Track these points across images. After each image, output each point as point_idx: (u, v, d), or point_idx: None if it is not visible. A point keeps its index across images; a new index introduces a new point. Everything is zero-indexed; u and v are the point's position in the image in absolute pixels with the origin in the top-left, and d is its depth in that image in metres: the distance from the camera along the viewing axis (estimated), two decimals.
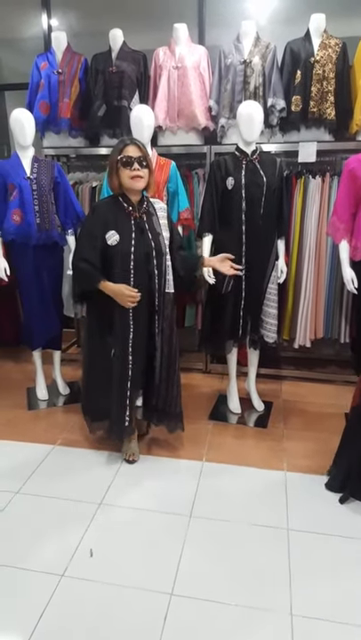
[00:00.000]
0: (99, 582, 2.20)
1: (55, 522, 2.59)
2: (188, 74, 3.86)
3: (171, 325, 2.94)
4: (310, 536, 2.47)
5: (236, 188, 3.21)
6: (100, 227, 2.73)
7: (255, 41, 3.80)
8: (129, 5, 4.58)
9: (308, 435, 3.37)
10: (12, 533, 2.51)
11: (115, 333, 2.84)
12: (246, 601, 2.10)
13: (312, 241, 3.77)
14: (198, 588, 2.16)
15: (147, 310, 2.83)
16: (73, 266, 2.88)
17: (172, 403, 3.05)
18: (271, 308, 3.44)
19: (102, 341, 2.91)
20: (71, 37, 4.21)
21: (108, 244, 2.72)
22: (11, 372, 4.54)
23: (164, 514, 2.64)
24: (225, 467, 3.06)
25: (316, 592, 2.14)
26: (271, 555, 2.35)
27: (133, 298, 2.72)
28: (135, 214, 2.77)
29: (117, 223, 2.73)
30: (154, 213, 2.86)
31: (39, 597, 2.12)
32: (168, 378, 3.00)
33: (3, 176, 3.44)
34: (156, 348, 2.90)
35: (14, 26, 5.06)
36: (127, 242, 2.72)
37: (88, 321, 3.11)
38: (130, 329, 2.82)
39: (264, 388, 3.97)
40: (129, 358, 2.86)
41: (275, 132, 3.93)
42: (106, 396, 2.94)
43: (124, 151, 2.69)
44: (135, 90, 4.02)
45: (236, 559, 2.33)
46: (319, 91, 3.65)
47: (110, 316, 2.82)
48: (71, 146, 4.28)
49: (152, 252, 2.77)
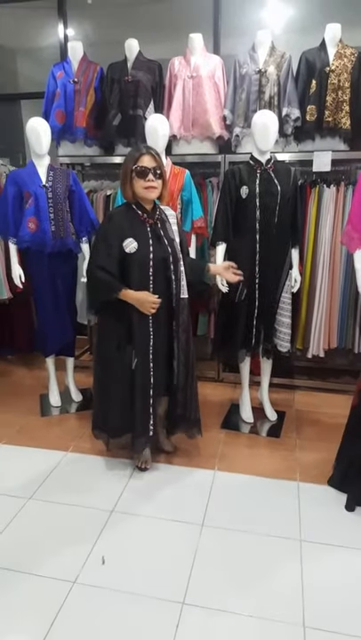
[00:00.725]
0: (110, 590, 2.19)
1: (67, 528, 2.59)
2: (202, 83, 3.88)
3: (186, 331, 2.92)
4: (323, 547, 2.45)
5: (250, 196, 3.22)
6: (117, 235, 2.71)
7: (270, 50, 3.81)
8: (145, 15, 4.63)
9: (321, 445, 3.34)
10: (24, 539, 2.51)
11: (135, 342, 2.79)
12: (259, 611, 2.08)
13: (326, 250, 3.75)
14: (210, 597, 2.15)
15: (165, 316, 2.81)
16: (90, 275, 2.83)
17: (191, 409, 3.03)
18: (285, 318, 3.43)
19: (120, 352, 2.84)
20: (87, 47, 4.25)
21: (126, 252, 2.69)
22: (24, 379, 4.56)
23: (175, 522, 2.63)
24: (237, 476, 3.04)
25: (329, 604, 2.12)
26: (284, 565, 2.33)
27: (156, 304, 2.70)
28: (150, 221, 2.76)
29: (134, 231, 2.71)
30: (166, 220, 2.86)
31: (51, 604, 2.12)
32: (186, 384, 2.97)
33: (19, 184, 3.48)
34: (174, 355, 2.88)
35: (31, 36, 5.13)
36: (145, 249, 2.70)
37: (103, 332, 2.98)
38: (150, 336, 2.80)
39: (277, 397, 3.95)
40: (150, 366, 2.83)
41: (289, 141, 3.93)
42: (126, 409, 2.88)
43: (140, 161, 2.67)
44: (150, 99, 4.05)
45: (248, 569, 2.32)
46: (334, 100, 3.65)
47: (128, 324, 2.78)
48: (86, 154, 4.32)
49: (169, 257, 2.75)
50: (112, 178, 4.48)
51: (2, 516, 2.67)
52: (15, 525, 2.61)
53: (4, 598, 2.16)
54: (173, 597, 2.15)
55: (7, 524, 2.61)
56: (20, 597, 2.16)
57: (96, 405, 3.11)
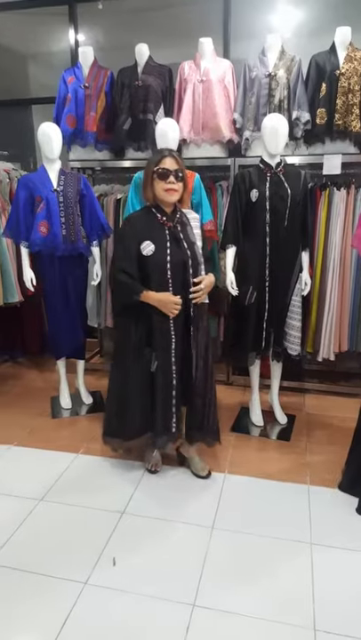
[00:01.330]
0: (121, 591, 2.20)
1: (78, 530, 2.60)
2: (212, 87, 3.89)
3: (205, 336, 2.89)
4: (334, 550, 2.44)
5: (260, 200, 3.22)
6: (135, 238, 2.69)
7: (280, 54, 3.82)
8: (155, 20, 4.65)
9: (331, 448, 3.34)
10: (35, 540, 2.53)
11: (155, 344, 2.77)
12: (269, 614, 2.08)
13: (337, 253, 3.75)
14: (221, 599, 2.16)
15: (184, 321, 2.78)
16: (112, 278, 2.82)
17: (210, 417, 2.98)
18: (295, 321, 3.43)
19: (140, 355, 2.81)
20: (98, 52, 4.28)
21: (144, 255, 2.67)
22: (35, 381, 4.59)
23: (186, 524, 2.64)
24: (247, 479, 3.05)
25: (339, 607, 2.12)
26: (294, 568, 2.33)
27: (178, 305, 2.69)
28: (169, 224, 2.74)
29: (152, 233, 2.69)
30: (187, 223, 2.82)
31: (62, 604, 2.13)
32: (204, 391, 2.93)
33: (30, 189, 3.50)
34: (192, 362, 2.83)
35: (42, 41, 5.18)
36: (162, 251, 2.68)
37: (122, 336, 2.92)
38: (172, 338, 2.78)
39: (287, 400, 3.95)
40: (172, 368, 2.80)
41: (299, 144, 3.93)
42: (145, 411, 2.87)
43: (161, 163, 2.65)
44: (160, 103, 4.07)
45: (258, 572, 2.32)
46: (344, 103, 3.65)
47: (148, 327, 2.76)
48: (97, 159, 4.35)
49: (188, 260, 2.72)
50: (122, 182, 4.51)
51: (13, 518, 2.69)
52: (27, 527, 2.63)
53: (16, 599, 2.17)
54: (184, 599, 2.16)
55: (19, 525, 2.63)
56: (32, 598, 2.17)
57: (109, 411, 3.08)
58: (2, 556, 2.42)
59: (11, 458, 3.31)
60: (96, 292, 4.38)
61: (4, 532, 2.58)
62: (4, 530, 2.59)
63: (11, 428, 3.67)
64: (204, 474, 3.06)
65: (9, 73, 5.45)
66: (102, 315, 4.47)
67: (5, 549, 2.46)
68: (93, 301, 4.39)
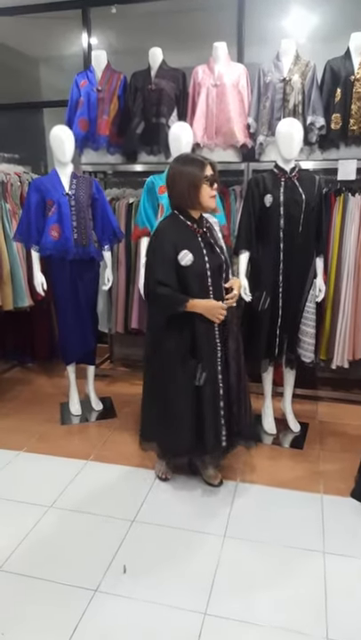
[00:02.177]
0: (132, 599, 2.18)
1: (88, 537, 2.57)
2: (226, 91, 3.87)
3: (237, 340, 2.83)
4: (347, 559, 2.40)
5: (274, 205, 3.19)
6: (172, 248, 2.59)
7: (295, 59, 3.79)
8: (168, 24, 4.63)
9: (345, 457, 3.28)
10: (45, 547, 2.50)
11: (201, 353, 2.68)
12: (281, 623, 2.05)
13: (351, 259, 3.71)
14: (233, 608, 2.13)
15: (222, 327, 2.72)
16: (151, 293, 2.68)
17: (247, 420, 2.94)
18: (309, 327, 3.39)
19: (184, 366, 2.70)
20: (111, 55, 4.27)
21: (182, 265, 2.58)
22: (45, 387, 4.56)
23: (197, 533, 2.60)
24: (260, 488, 3.01)
25: (352, 616, 2.08)
26: (307, 577, 2.30)
27: (224, 310, 2.64)
28: (200, 230, 2.69)
29: (187, 242, 2.62)
30: (212, 227, 2.80)
31: (73, 612, 2.11)
32: (240, 395, 2.85)
33: (42, 192, 3.49)
34: (231, 369, 2.78)
35: (55, 44, 5.18)
36: (201, 259, 2.62)
37: (164, 348, 2.76)
38: (217, 345, 2.72)
39: (300, 408, 3.90)
40: (219, 377, 2.74)
41: (314, 149, 3.89)
42: (192, 429, 2.76)
43: (207, 169, 2.61)
44: (174, 107, 4.05)
45: (270, 580, 2.28)
46: (359, 109, 3.61)
47: (192, 337, 2.68)
48: (109, 162, 4.33)
49: (223, 264, 2.70)
50: (134, 186, 4.48)
51: (23, 525, 2.66)
52: (36, 533, 2.60)
53: (25, 606, 2.15)
54: (195, 607, 2.13)
55: (28, 532, 2.60)
56: (42, 605, 2.15)
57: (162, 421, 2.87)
58: (12, 562, 2.39)
59: (20, 464, 3.28)
60: (107, 296, 4.35)
61: (13, 538, 2.55)
62: (14, 536, 2.56)
63: (20, 434, 3.64)
64: (216, 482, 3.01)
65: (22, 76, 5.46)
66: (113, 320, 4.44)
67: (15, 556, 2.43)
68: (104, 306, 4.36)
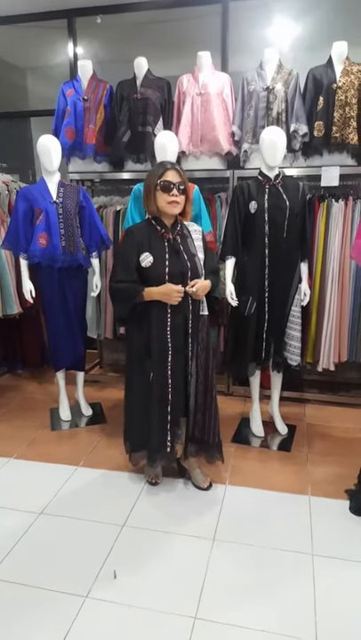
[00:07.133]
0: (122, 604, 2.19)
1: (78, 543, 2.59)
2: (211, 100, 3.93)
3: (206, 349, 2.87)
4: (335, 562, 2.43)
5: (259, 211, 3.24)
6: (135, 249, 2.70)
7: (278, 68, 3.86)
8: (153, 34, 4.69)
9: (332, 459, 3.33)
10: (35, 554, 2.51)
11: (152, 356, 2.77)
12: (270, 626, 2.07)
13: (335, 264, 3.76)
14: (222, 611, 2.14)
15: (183, 333, 2.78)
16: (111, 291, 2.81)
17: (211, 432, 2.94)
18: (295, 331, 3.44)
19: (141, 365, 2.82)
20: (96, 65, 4.31)
21: (143, 267, 2.69)
22: (34, 393, 4.57)
23: (187, 537, 2.62)
24: (248, 490, 3.04)
25: (341, 619, 2.10)
26: (296, 580, 2.32)
27: (180, 293, 2.66)
28: (168, 236, 2.74)
29: (151, 245, 2.70)
30: (188, 235, 2.83)
31: (63, 618, 2.11)
32: (205, 405, 2.89)
33: (30, 200, 3.52)
34: (191, 374, 2.84)
35: (41, 54, 5.22)
36: (161, 263, 2.69)
37: (127, 345, 2.98)
38: (168, 351, 2.77)
39: (287, 411, 3.94)
40: (168, 381, 2.79)
41: (297, 156, 3.96)
42: (145, 422, 2.86)
43: (165, 175, 2.66)
44: (159, 116, 4.10)
45: (259, 584, 2.30)
46: (342, 116, 3.68)
47: (148, 338, 2.77)
48: (96, 171, 4.36)
49: (187, 272, 2.73)
50: (122, 193, 4.53)
51: (13, 531, 2.67)
52: (26, 540, 2.61)
53: (16, 613, 2.16)
54: (185, 612, 2.14)
55: (18, 538, 2.61)
56: (32, 612, 2.16)
57: (125, 413, 3.05)
58: (1, 569, 2.40)
59: (10, 471, 3.30)
60: (96, 303, 4.39)
61: (3, 545, 2.56)
62: (4, 543, 2.57)
63: (10, 440, 3.65)
64: (205, 485, 3.05)
65: (8, 85, 5.49)
66: (102, 326, 4.47)
67: (5, 563, 2.44)
68: (93, 313, 4.39)
